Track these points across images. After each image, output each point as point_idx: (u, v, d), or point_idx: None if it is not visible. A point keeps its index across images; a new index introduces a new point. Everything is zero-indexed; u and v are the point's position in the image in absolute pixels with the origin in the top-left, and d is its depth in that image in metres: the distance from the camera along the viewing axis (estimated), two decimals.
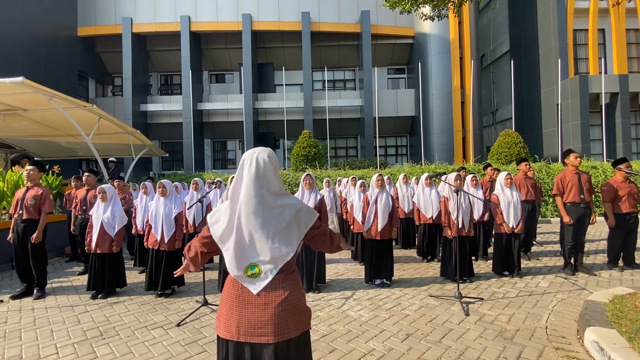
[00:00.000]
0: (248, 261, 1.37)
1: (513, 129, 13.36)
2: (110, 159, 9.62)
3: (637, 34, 15.95)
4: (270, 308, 1.34)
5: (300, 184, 4.36)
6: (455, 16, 13.65)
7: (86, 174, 5.23)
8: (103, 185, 4.28)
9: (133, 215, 5.33)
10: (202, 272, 4.21)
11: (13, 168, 7.04)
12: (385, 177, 5.36)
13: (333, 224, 7.25)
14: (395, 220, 4.43)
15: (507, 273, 4.67)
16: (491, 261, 4.97)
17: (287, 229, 1.40)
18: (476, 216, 5.20)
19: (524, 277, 4.56)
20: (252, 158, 1.41)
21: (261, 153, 1.42)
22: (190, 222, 5.35)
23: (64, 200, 6.44)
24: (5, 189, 6.09)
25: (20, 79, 5.64)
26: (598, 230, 8.08)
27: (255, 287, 1.37)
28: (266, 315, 1.33)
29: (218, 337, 1.43)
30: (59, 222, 6.56)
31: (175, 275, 1.68)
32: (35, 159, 9.68)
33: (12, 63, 12.75)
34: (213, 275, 5.00)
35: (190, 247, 1.54)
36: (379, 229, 4.31)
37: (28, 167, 4.43)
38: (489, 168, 6.41)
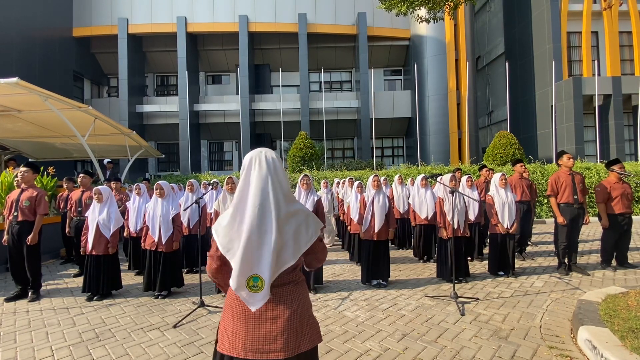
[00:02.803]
0: (252, 272, 1.23)
1: (508, 131, 13.48)
2: (107, 160, 9.58)
3: (630, 37, 16.16)
4: (279, 322, 1.24)
5: (298, 185, 4.37)
6: (450, 18, 13.76)
7: (81, 175, 5.20)
8: (99, 187, 4.26)
9: (126, 217, 5.29)
10: (198, 273, 4.21)
11: (7, 169, 6.98)
12: (381, 179, 5.39)
13: (331, 225, 7.28)
14: (392, 221, 4.45)
15: (502, 273, 4.71)
16: (486, 261, 5.01)
17: (296, 238, 1.27)
18: (471, 217, 5.24)
19: (518, 277, 4.60)
20: (261, 157, 1.30)
21: (268, 152, 1.33)
22: (185, 224, 5.32)
23: (56, 202, 6.39)
24: None
25: (14, 79, 5.61)
26: (592, 230, 8.16)
27: (256, 304, 1.24)
28: (275, 330, 1.23)
29: (218, 352, 1.31)
30: (54, 223, 6.52)
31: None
32: (30, 160, 9.61)
33: (6, 64, 12.66)
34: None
35: (208, 269, 1.39)
36: (376, 230, 4.32)
37: (22, 168, 4.40)
38: (484, 169, 6.46)
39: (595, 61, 15.19)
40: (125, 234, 5.33)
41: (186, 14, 17.36)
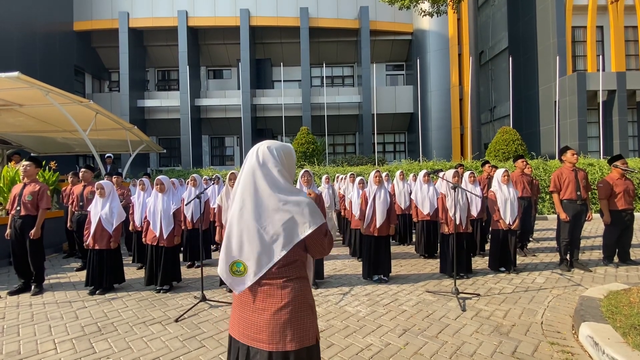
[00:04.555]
0: (234, 258, 1.29)
1: (511, 126, 13.40)
2: (107, 154, 9.58)
3: (635, 32, 15.97)
4: (266, 314, 1.26)
5: (298, 181, 4.36)
6: (454, 12, 13.61)
7: (83, 169, 5.21)
8: (101, 181, 4.26)
9: (130, 211, 5.32)
10: (200, 268, 4.22)
11: (9, 164, 7.00)
12: (383, 174, 5.37)
13: (332, 220, 7.28)
14: (393, 217, 4.44)
15: (503, 269, 4.71)
16: (488, 257, 5.00)
17: (284, 229, 1.27)
18: (474, 213, 5.23)
19: (520, 273, 4.60)
20: (253, 151, 1.35)
21: (262, 145, 1.35)
22: (189, 218, 5.34)
23: (61, 197, 6.42)
24: (1, 184, 6.06)
25: (16, 73, 5.59)
26: (594, 226, 8.14)
27: (238, 287, 1.30)
28: (262, 322, 1.26)
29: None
30: (57, 218, 6.54)
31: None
32: (32, 154, 9.63)
33: (7, 58, 12.63)
34: (211, 271, 5.01)
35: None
36: (378, 226, 4.32)
37: (24, 162, 4.40)
38: (487, 165, 6.43)
39: (600, 56, 15.02)
40: (130, 228, 5.36)
41: (187, 8, 17.24)
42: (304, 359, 1.29)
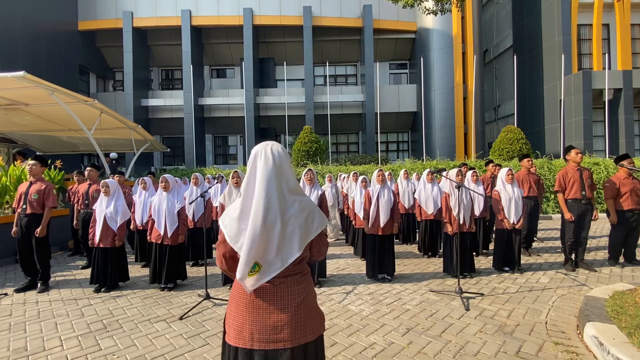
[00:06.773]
0: (254, 260, 1.25)
1: (515, 125, 13.31)
2: (111, 154, 9.64)
3: None
4: (288, 311, 1.27)
5: (302, 180, 4.36)
6: (458, 10, 13.52)
7: (88, 168, 5.26)
8: (106, 180, 4.29)
9: (132, 210, 5.35)
10: (204, 266, 4.24)
11: (15, 162, 7.07)
12: (386, 173, 5.37)
13: (335, 219, 7.28)
14: (397, 216, 4.44)
15: (507, 269, 4.69)
16: (492, 257, 4.98)
17: (300, 229, 1.28)
18: (477, 212, 5.20)
19: (524, 273, 4.58)
20: (267, 150, 1.30)
21: (274, 145, 1.34)
22: (190, 217, 5.36)
23: (67, 195, 6.48)
24: (8, 183, 6.12)
25: (21, 73, 5.64)
26: (599, 226, 8.08)
27: (250, 286, 1.26)
28: (283, 320, 1.26)
29: (225, 344, 1.33)
30: (62, 216, 6.60)
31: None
32: (38, 153, 9.71)
33: (13, 58, 12.74)
34: (215, 269, 5.04)
35: (217, 258, 1.40)
36: (381, 225, 4.32)
37: (30, 161, 4.44)
38: (491, 164, 6.39)
39: (606, 54, 14.87)
40: (131, 227, 5.39)
41: (190, 7, 17.28)
42: (319, 345, 1.36)
